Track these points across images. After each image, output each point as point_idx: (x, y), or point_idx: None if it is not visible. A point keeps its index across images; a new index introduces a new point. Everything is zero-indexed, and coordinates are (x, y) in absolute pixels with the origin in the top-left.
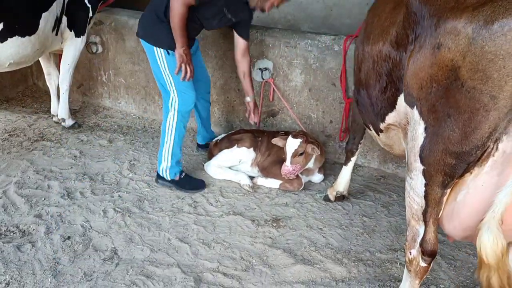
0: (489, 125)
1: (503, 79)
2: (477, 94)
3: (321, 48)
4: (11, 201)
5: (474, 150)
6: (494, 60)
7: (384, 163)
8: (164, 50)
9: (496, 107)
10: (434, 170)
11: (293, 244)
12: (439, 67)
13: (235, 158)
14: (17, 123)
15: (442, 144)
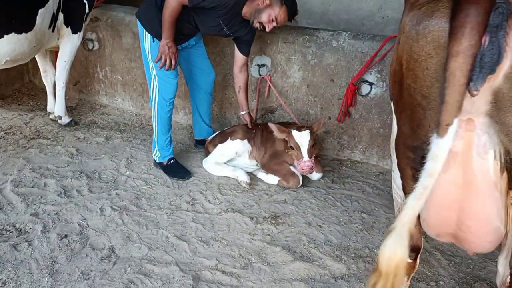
0: (429, 123)
1: (428, 79)
2: (411, 91)
3: (319, 44)
4: (7, 200)
5: (425, 145)
6: (418, 61)
7: (383, 159)
8: (151, 37)
9: (431, 107)
10: (403, 163)
11: (292, 241)
12: (396, 62)
13: (230, 151)
14: (13, 121)
15: (402, 138)
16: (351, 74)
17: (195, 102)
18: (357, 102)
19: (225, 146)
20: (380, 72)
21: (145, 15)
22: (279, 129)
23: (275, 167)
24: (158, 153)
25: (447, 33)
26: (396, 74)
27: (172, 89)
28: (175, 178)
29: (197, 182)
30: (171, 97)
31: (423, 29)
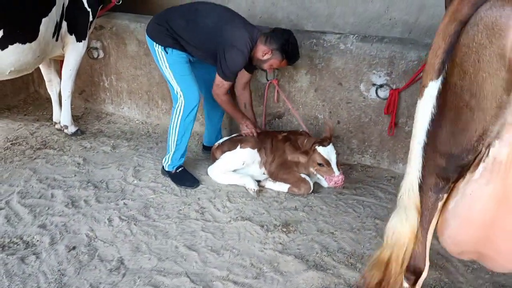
0: (476, 127)
1: (479, 74)
2: (458, 90)
3: (326, 47)
4: (14, 212)
5: (464, 153)
6: (468, 54)
7: (394, 163)
8: (162, 48)
9: (481, 108)
10: (427, 171)
11: (304, 250)
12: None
13: (238, 161)
14: (19, 131)
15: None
16: (359, 77)
17: (208, 109)
18: (367, 105)
19: (233, 154)
20: (389, 74)
21: (154, 30)
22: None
23: (285, 176)
24: (169, 161)
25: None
26: None
27: (196, 95)
28: (183, 186)
29: (205, 190)
30: (195, 104)
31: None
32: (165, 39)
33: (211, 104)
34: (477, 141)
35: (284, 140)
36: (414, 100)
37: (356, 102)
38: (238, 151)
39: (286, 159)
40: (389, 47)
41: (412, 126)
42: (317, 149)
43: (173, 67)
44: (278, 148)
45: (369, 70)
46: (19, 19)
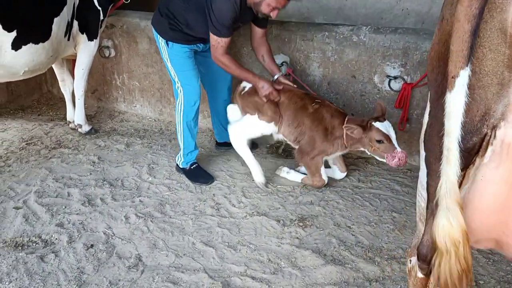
0: (477, 106)
1: (479, 50)
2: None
3: (339, 39)
4: (32, 211)
5: (468, 135)
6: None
7: (410, 156)
8: (164, 41)
9: (481, 85)
10: (433, 157)
11: (321, 244)
12: (440, 44)
13: (256, 131)
14: (34, 131)
15: (437, 126)
16: (373, 69)
17: (214, 106)
18: (381, 97)
19: (253, 123)
20: (403, 65)
21: (157, 21)
22: (361, 127)
23: (309, 161)
24: (182, 159)
25: None
26: (440, 57)
27: (196, 91)
28: (198, 183)
29: (220, 186)
30: (196, 100)
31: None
32: (167, 31)
33: (215, 100)
34: (480, 121)
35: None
36: None
37: (370, 94)
38: (256, 121)
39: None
40: (403, 38)
41: None
42: (374, 125)
43: (174, 62)
44: (306, 123)
45: (383, 62)
46: (31, 19)
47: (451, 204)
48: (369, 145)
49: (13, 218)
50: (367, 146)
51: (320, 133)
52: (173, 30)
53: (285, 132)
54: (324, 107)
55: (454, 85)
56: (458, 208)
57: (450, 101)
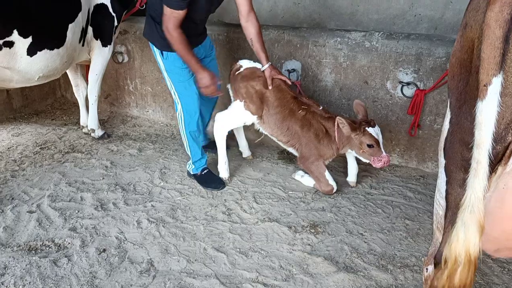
0: (503, 114)
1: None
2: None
3: (351, 45)
4: (45, 215)
5: (493, 143)
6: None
7: (423, 162)
8: (159, 51)
9: (507, 92)
10: (454, 165)
11: (333, 251)
12: (463, 50)
13: (240, 120)
14: (48, 135)
15: (459, 134)
16: (386, 75)
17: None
18: (394, 104)
19: (238, 110)
20: (416, 71)
21: (148, 31)
22: (351, 126)
23: (312, 168)
24: (192, 166)
25: None
26: (462, 64)
27: (194, 99)
28: (209, 188)
29: (231, 191)
30: (195, 108)
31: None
32: (159, 39)
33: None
34: (505, 129)
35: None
36: (443, 97)
37: (382, 100)
38: (241, 110)
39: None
40: (416, 44)
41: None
42: (368, 130)
43: (170, 73)
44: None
45: (395, 68)
46: (46, 25)
47: (469, 220)
48: (358, 147)
49: (27, 222)
50: (356, 147)
51: (312, 137)
52: (164, 38)
53: (275, 134)
54: (310, 113)
55: (487, 93)
56: (475, 227)
57: (482, 110)
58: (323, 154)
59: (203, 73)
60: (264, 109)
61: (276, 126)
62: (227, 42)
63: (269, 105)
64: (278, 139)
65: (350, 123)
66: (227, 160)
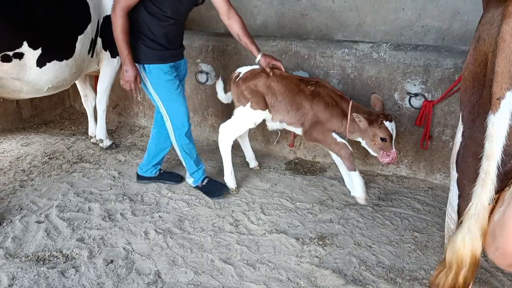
0: None
1: None
2: None
3: (359, 56)
4: (53, 225)
5: (507, 157)
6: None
7: (431, 174)
8: (141, 66)
9: None
10: (466, 179)
11: (341, 264)
12: (476, 64)
13: (249, 122)
14: (56, 145)
15: (472, 147)
16: (393, 86)
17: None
18: (402, 115)
19: (245, 115)
20: (424, 83)
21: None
22: (368, 121)
23: (321, 136)
24: (191, 178)
25: None
26: (475, 77)
27: (182, 111)
28: (215, 197)
29: (239, 202)
30: (183, 120)
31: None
32: (138, 52)
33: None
34: None
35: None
36: (451, 108)
37: (390, 111)
38: (249, 111)
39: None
40: (423, 55)
41: (449, 135)
42: (385, 124)
43: (156, 86)
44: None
45: (403, 79)
46: (56, 37)
47: (474, 227)
48: (370, 139)
49: (35, 232)
50: (368, 139)
51: (322, 107)
52: (144, 50)
53: (286, 118)
54: (320, 86)
55: (499, 106)
56: (479, 233)
57: (493, 123)
58: (331, 126)
59: (131, 67)
60: (272, 100)
61: (287, 109)
62: (235, 53)
63: (276, 94)
64: (289, 122)
65: (367, 118)
66: (233, 170)
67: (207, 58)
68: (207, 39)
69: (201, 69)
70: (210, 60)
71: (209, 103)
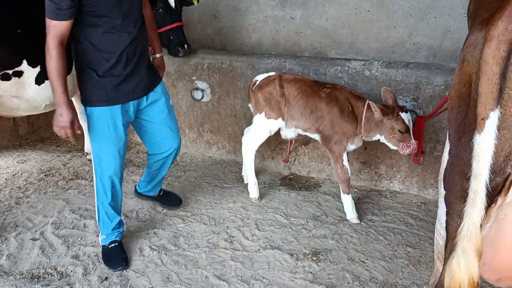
0: (502, 146)
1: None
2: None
3: (351, 74)
4: (48, 242)
5: (492, 174)
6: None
7: (424, 189)
8: (83, 107)
9: (505, 126)
10: (453, 196)
11: (335, 279)
12: (461, 84)
13: (266, 130)
14: (52, 162)
15: (459, 165)
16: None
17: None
18: None
19: (261, 122)
20: (415, 99)
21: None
22: (383, 111)
23: (333, 146)
24: (102, 236)
25: None
26: (460, 97)
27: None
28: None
29: (234, 218)
30: (109, 175)
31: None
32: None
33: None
34: (504, 161)
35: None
36: (442, 125)
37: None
38: (264, 120)
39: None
40: (414, 72)
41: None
42: (401, 115)
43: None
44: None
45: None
46: None
47: (469, 248)
48: (388, 132)
49: (30, 249)
50: (386, 132)
51: (337, 113)
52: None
53: (300, 124)
54: (337, 90)
55: (484, 127)
56: (474, 254)
57: (479, 142)
58: (347, 131)
59: (66, 110)
60: (286, 107)
61: (300, 113)
62: (230, 70)
63: (290, 98)
64: (304, 127)
65: (382, 108)
66: (257, 181)
67: (202, 75)
68: (202, 56)
69: (196, 86)
70: (206, 77)
71: (205, 119)
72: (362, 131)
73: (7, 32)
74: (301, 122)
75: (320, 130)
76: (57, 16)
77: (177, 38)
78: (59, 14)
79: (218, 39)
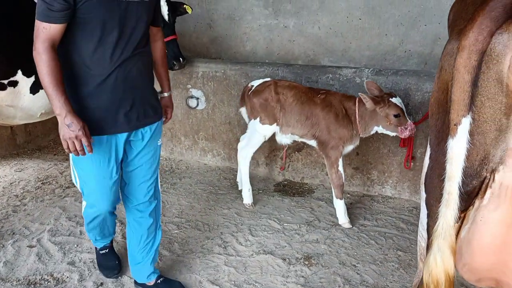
0: (477, 151)
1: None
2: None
3: (342, 81)
4: (45, 249)
5: (468, 178)
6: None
7: (415, 194)
8: None
9: (480, 131)
10: (433, 199)
11: (326, 283)
12: (440, 91)
13: (261, 136)
14: (49, 170)
15: (438, 169)
16: None
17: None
18: (385, 136)
19: (256, 127)
20: (405, 106)
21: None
22: (374, 100)
23: (329, 151)
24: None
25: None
26: (439, 104)
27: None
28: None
29: (228, 224)
30: (96, 214)
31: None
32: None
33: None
34: (480, 165)
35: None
36: None
37: (374, 133)
38: (258, 126)
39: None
40: (404, 80)
41: None
42: (392, 100)
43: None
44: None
45: None
46: None
47: (443, 246)
48: (384, 121)
49: (26, 256)
50: (382, 122)
51: (332, 118)
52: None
53: (296, 130)
54: (331, 95)
55: (457, 132)
56: (449, 251)
57: (452, 147)
58: (343, 136)
59: (73, 118)
60: (281, 113)
61: (295, 120)
62: (224, 78)
63: (286, 105)
64: (300, 134)
65: (372, 98)
66: (251, 187)
67: (197, 83)
68: (197, 65)
69: (191, 94)
70: (201, 85)
71: (200, 127)
72: (358, 130)
73: (2, 42)
74: (297, 128)
75: (316, 136)
76: (47, 18)
77: (172, 51)
78: (50, 16)
79: (213, 47)
